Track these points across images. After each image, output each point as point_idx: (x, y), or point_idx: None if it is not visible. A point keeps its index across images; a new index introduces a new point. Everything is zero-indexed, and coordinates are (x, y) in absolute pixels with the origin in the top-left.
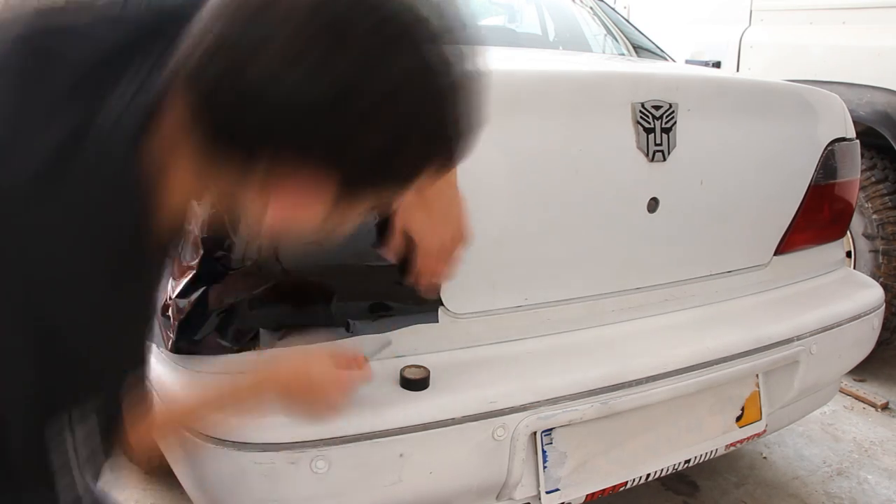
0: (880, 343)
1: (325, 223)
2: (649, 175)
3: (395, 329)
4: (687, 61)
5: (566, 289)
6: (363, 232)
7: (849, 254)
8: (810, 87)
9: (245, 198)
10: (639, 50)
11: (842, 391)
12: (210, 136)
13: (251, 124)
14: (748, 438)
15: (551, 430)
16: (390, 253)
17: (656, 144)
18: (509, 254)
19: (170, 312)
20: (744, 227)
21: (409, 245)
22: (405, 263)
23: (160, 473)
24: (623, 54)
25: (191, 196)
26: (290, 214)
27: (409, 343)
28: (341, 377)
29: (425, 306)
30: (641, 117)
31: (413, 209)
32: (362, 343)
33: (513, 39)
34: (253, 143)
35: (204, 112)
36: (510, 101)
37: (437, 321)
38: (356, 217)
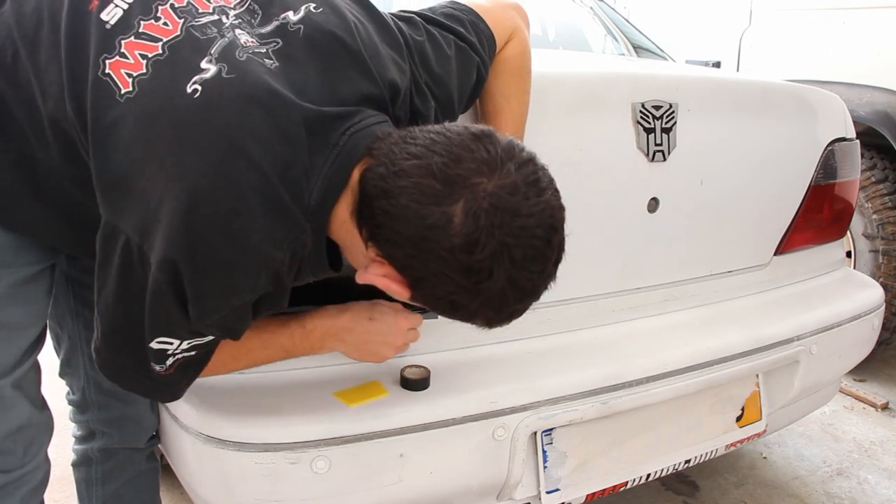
0: (880, 343)
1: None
2: (649, 175)
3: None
4: (687, 61)
5: (566, 289)
6: None
7: (849, 254)
8: (810, 87)
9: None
10: (639, 50)
11: (842, 391)
12: (359, 223)
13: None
14: (748, 438)
15: (551, 430)
16: None
17: (656, 144)
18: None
19: None
20: (744, 227)
21: None
22: None
23: (160, 473)
24: (623, 54)
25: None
26: (377, 282)
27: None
28: (400, 324)
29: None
30: (641, 117)
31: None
32: None
33: None
34: (379, 241)
35: (365, 211)
36: None
37: (437, 317)
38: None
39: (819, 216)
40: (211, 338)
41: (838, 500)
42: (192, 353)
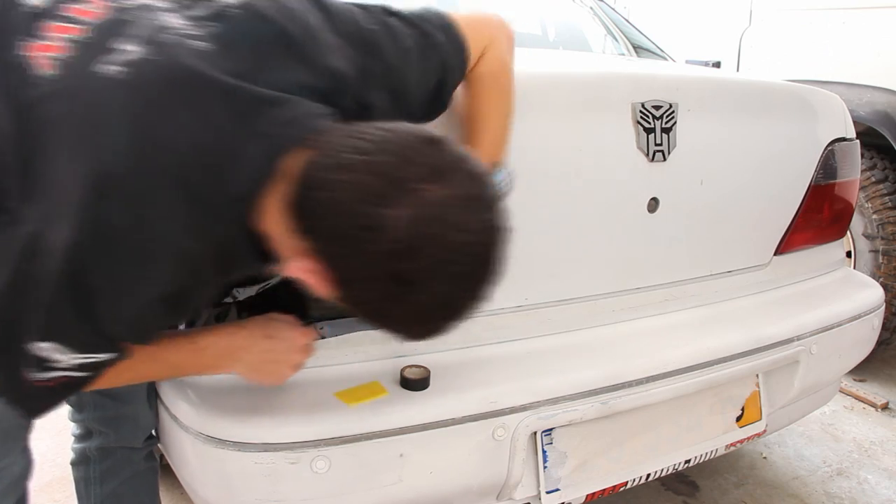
0: (880, 343)
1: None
2: (649, 175)
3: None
4: (687, 61)
5: (566, 289)
6: None
7: (849, 254)
8: (810, 87)
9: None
10: (639, 50)
11: (842, 391)
12: (292, 214)
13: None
14: (748, 438)
15: (551, 430)
16: None
17: (656, 144)
18: (509, 253)
19: None
20: (744, 227)
21: None
22: None
23: (160, 473)
24: (623, 54)
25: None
26: (302, 277)
27: (409, 343)
28: (298, 340)
29: None
30: (641, 117)
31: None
32: None
33: None
34: (311, 235)
35: (300, 202)
36: None
37: None
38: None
39: (819, 216)
40: (106, 357)
41: (838, 500)
42: (81, 373)
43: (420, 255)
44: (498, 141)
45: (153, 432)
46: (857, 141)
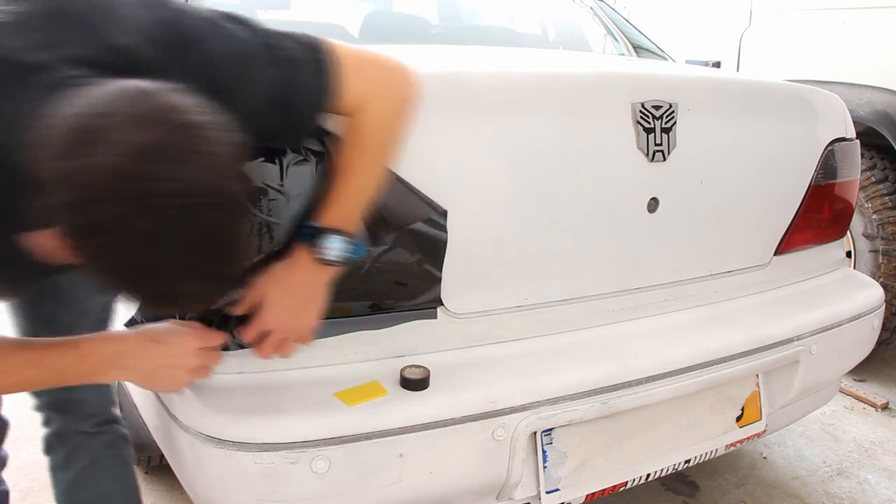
0: (880, 343)
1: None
2: (649, 175)
3: (391, 327)
4: (687, 61)
5: (566, 289)
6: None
7: (849, 254)
8: (810, 87)
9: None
10: (639, 50)
11: (842, 391)
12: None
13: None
14: (748, 438)
15: (551, 430)
16: (239, 307)
17: (656, 144)
18: (509, 253)
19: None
20: (744, 227)
21: (257, 310)
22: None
23: (160, 473)
24: (623, 54)
25: None
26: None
27: (409, 343)
28: (189, 343)
29: (422, 305)
30: (641, 117)
31: (275, 284)
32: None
33: (513, 39)
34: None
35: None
36: (510, 101)
37: (436, 317)
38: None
39: (819, 216)
40: None
41: (838, 500)
42: None
43: (102, 207)
44: (349, 203)
45: (115, 419)
46: (857, 141)
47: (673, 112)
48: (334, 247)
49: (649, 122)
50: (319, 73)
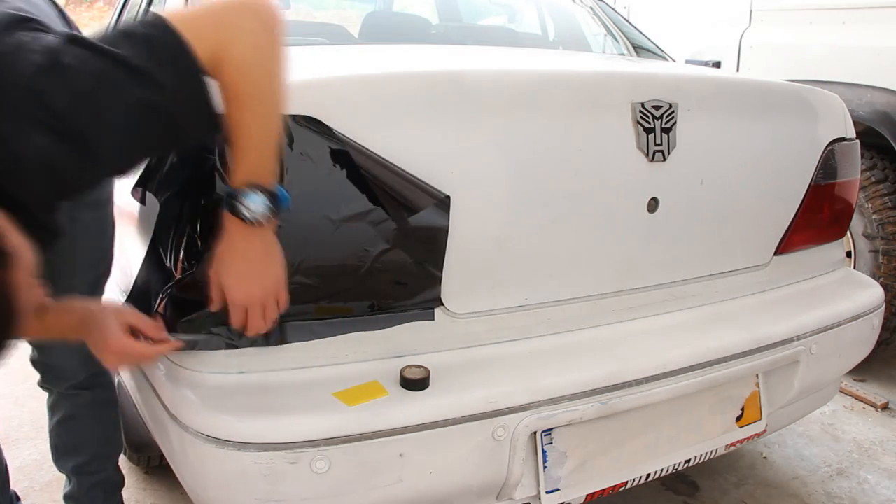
0: (880, 343)
1: None
2: (649, 175)
3: (388, 327)
4: (687, 61)
5: (566, 289)
6: (358, 232)
7: (849, 254)
8: (810, 87)
9: None
10: (639, 50)
11: (842, 391)
12: None
13: None
14: (748, 438)
15: (551, 430)
16: (210, 303)
17: (656, 144)
18: (509, 253)
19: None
20: (744, 227)
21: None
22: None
23: (160, 473)
24: (623, 54)
25: None
26: None
27: (409, 343)
28: (107, 341)
29: (422, 305)
30: (641, 117)
31: (221, 262)
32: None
33: (513, 39)
34: None
35: None
36: (510, 101)
37: (433, 318)
38: None
39: (819, 216)
40: None
41: (838, 500)
42: None
43: None
44: (253, 155)
45: (91, 384)
46: (857, 141)
47: (673, 112)
48: (254, 204)
49: (649, 122)
50: (173, 58)
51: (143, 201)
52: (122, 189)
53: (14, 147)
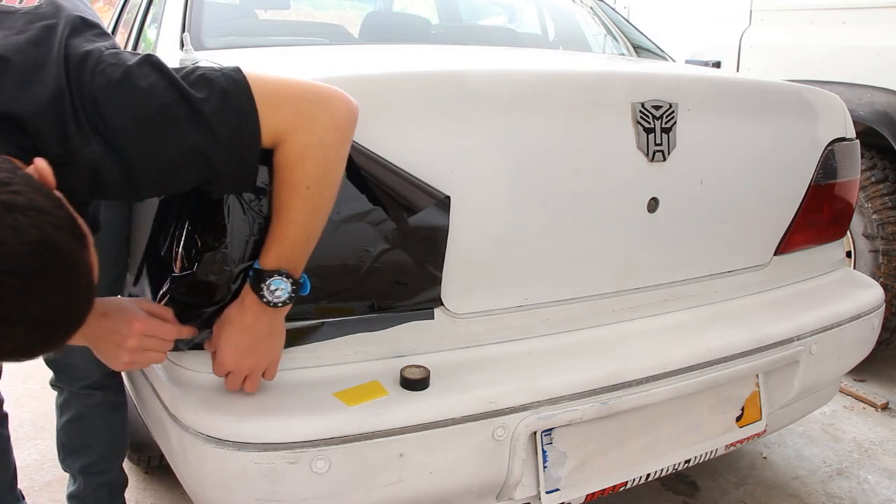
0: (880, 343)
1: None
2: (649, 175)
3: (388, 327)
4: (687, 61)
5: (566, 289)
6: (358, 232)
7: (849, 254)
8: (810, 87)
9: None
10: (639, 50)
11: (842, 391)
12: None
13: None
14: (748, 438)
15: (551, 430)
16: (208, 346)
17: (656, 144)
18: (509, 254)
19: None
20: (744, 227)
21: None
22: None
23: (160, 473)
24: (623, 54)
25: None
26: None
27: (409, 343)
28: (133, 326)
29: (422, 305)
30: (641, 117)
31: (227, 326)
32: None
33: (513, 39)
34: None
35: None
36: (510, 101)
37: (433, 318)
38: None
39: (819, 216)
40: None
41: (838, 500)
42: None
43: None
44: (287, 243)
45: (104, 385)
46: (857, 141)
47: (673, 112)
48: (276, 288)
49: (649, 122)
50: (239, 120)
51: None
52: None
53: (73, 146)
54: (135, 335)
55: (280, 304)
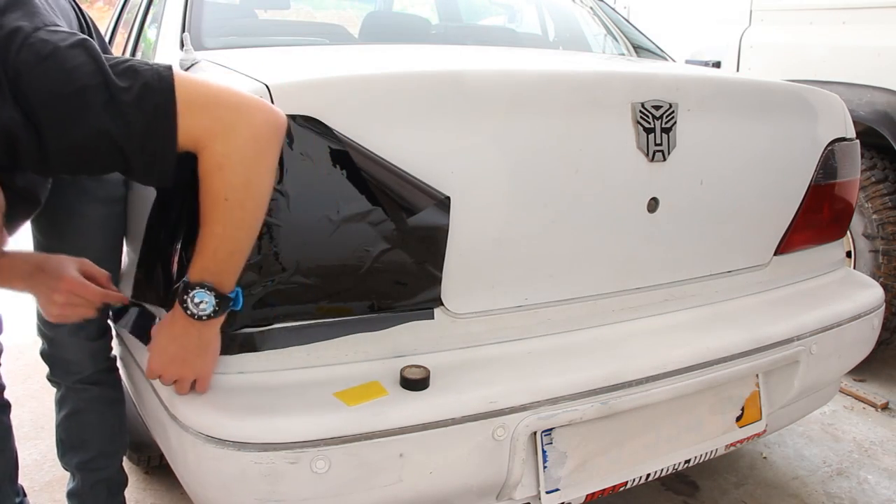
0: (880, 343)
1: None
2: (649, 175)
3: (388, 327)
4: (687, 61)
5: (566, 289)
6: (358, 232)
7: (849, 254)
8: (810, 87)
9: None
10: (639, 50)
11: (842, 391)
12: None
13: None
14: (748, 438)
15: (551, 430)
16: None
17: (656, 144)
18: (509, 254)
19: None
20: (744, 227)
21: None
22: None
23: (160, 473)
24: (623, 54)
25: None
26: None
27: (409, 343)
28: (59, 286)
29: (422, 305)
30: (641, 117)
31: (159, 333)
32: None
33: (513, 39)
34: None
35: None
36: (510, 101)
37: (433, 318)
38: None
39: (819, 216)
40: None
41: (838, 500)
42: None
43: None
44: (212, 255)
45: (100, 380)
46: (857, 141)
47: (673, 112)
48: (199, 301)
49: (649, 122)
50: (156, 114)
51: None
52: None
53: None
54: (62, 292)
55: (204, 317)
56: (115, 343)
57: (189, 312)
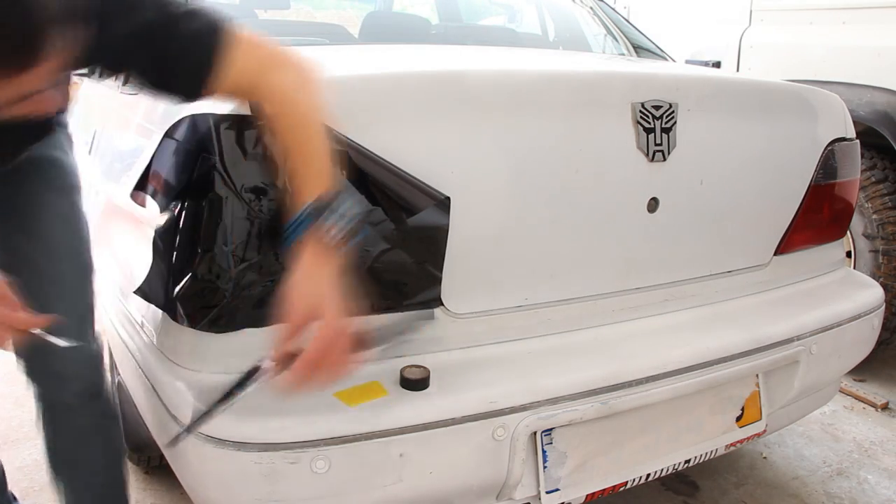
0: (880, 343)
1: None
2: (649, 175)
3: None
4: (687, 61)
5: (566, 289)
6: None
7: (849, 254)
8: (810, 87)
9: None
10: (639, 50)
11: (842, 391)
12: None
13: None
14: (748, 438)
15: (551, 430)
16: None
17: (656, 144)
18: (509, 254)
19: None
20: (744, 227)
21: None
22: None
23: (160, 473)
24: (623, 54)
25: None
26: None
27: (409, 343)
28: None
29: (422, 305)
30: (641, 117)
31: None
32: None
33: (513, 39)
34: None
35: None
36: (510, 102)
37: (433, 318)
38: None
39: (819, 216)
40: None
41: (838, 500)
42: None
43: None
44: (319, 168)
45: (99, 392)
46: (857, 141)
47: (673, 112)
48: (343, 213)
49: (649, 122)
50: (210, 33)
51: (143, 204)
52: (121, 192)
53: None
54: None
55: (352, 229)
56: (115, 343)
57: (339, 234)
